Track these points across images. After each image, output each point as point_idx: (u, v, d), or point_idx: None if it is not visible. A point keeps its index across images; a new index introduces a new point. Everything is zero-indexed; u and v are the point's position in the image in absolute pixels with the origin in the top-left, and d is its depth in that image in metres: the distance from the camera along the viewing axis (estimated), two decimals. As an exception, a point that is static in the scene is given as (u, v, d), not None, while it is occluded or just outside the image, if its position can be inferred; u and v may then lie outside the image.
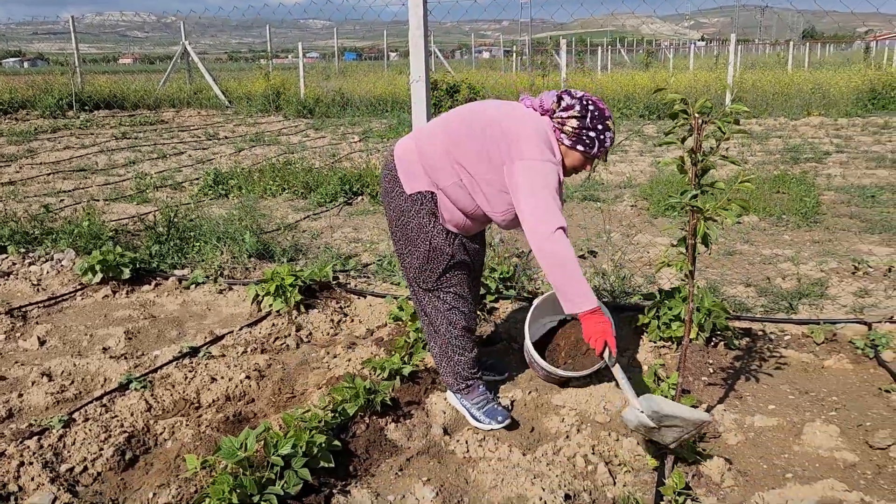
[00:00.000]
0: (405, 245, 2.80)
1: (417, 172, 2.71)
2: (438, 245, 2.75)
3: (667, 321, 3.52)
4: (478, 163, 2.60)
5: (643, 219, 6.37)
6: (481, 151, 2.59)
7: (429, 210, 2.71)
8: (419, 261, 2.79)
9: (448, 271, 2.81)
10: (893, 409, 2.94)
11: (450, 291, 2.85)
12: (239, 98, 18.44)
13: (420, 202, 2.71)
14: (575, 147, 2.61)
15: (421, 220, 2.72)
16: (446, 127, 2.70)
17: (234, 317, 4.14)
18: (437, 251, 2.76)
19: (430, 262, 2.78)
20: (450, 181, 2.67)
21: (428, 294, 2.87)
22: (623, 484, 2.51)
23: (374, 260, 5.12)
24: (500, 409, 2.88)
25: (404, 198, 2.73)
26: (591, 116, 2.59)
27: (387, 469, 2.62)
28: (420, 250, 2.76)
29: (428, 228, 2.73)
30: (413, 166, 2.72)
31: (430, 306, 2.88)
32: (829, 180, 7.74)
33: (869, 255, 5.01)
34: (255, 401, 3.18)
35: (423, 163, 2.70)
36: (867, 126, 12.39)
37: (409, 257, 2.81)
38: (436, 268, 2.79)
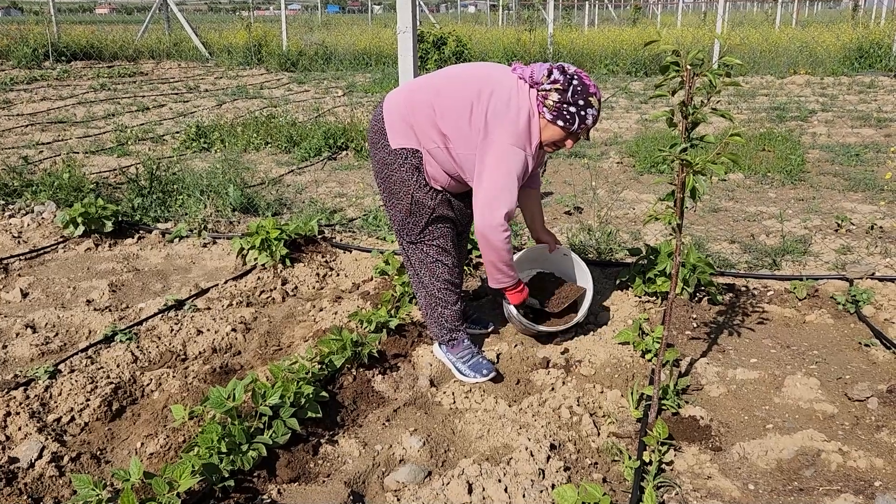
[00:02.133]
0: (389, 197, 2.82)
1: (404, 130, 2.71)
2: (420, 199, 2.76)
3: (652, 276, 3.54)
4: (459, 138, 2.64)
5: (629, 175, 6.36)
6: (463, 127, 2.62)
7: (412, 165, 2.71)
8: (401, 213, 2.81)
9: (430, 224, 2.82)
10: (872, 362, 2.99)
11: (433, 245, 2.86)
12: (220, 50, 18.04)
13: (404, 157, 2.71)
14: (555, 122, 2.61)
15: (403, 175, 2.73)
16: (436, 97, 2.67)
17: (219, 270, 4.12)
18: (419, 205, 2.77)
19: (412, 215, 2.79)
20: (433, 145, 2.69)
21: (412, 246, 2.88)
22: (607, 434, 2.55)
23: (359, 215, 5.09)
24: (485, 362, 2.90)
25: (388, 151, 2.73)
26: (573, 91, 2.57)
27: (374, 419, 2.64)
28: (402, 203, 2.78)
29: (409, 183, 2.73)
30: (399, 123, 2.71)
31: (415, 258, 2.90)
32: (815, 139, 7.76)
33: (852, 212, 5.05)
34: (241, 353, 3.18)
35: (410, 123, 2.70)
36: (853, 85, 12.38)
37: (393, 209, 2.84)
38: (418, 221, 2.80)
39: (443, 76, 2.74)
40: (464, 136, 2.63)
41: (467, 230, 3.20)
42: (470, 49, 14.80)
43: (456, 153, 2.66)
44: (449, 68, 2.81)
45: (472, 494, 2.16)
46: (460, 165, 2.69)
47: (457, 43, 14.06)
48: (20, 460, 2.34)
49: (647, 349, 3.03)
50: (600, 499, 2.06)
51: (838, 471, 2.31)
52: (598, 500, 2.06)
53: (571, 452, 2.42)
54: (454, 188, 2.82)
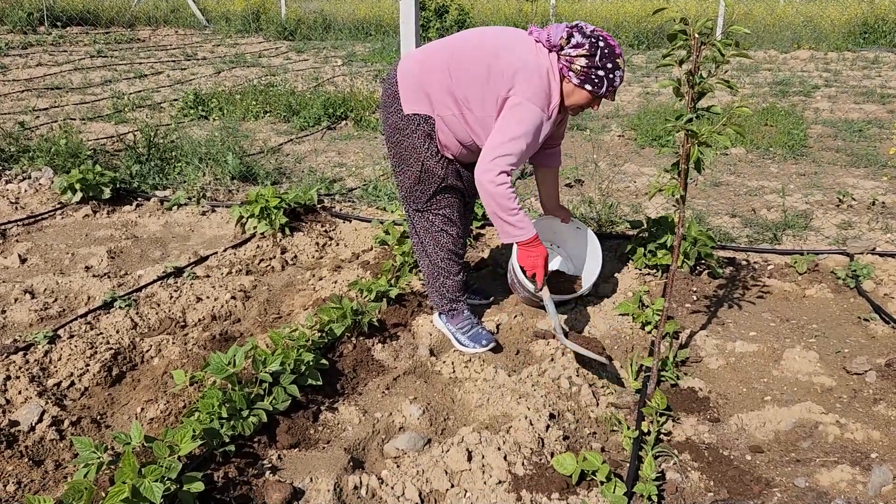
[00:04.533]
0: (398, 163, 2.79)
1: (417, 95, 2.67)
2: (430, 167, 2.73)
3: (653, 249, 3.53)
4: (476, 102, 2.60)
5: (630, 149, 6.32)
6: (480, 91, 2.58)
7: (424, 132, 2.68)
8: (410, 180, 2.78)
9: (438, 193, 2.79)
10: (871, 336, 3.00)
11: (439, 214, 2.84)
12: (218, 17, 17.80)
13: (416, 123, 2.67)
14: (583, 86, 2.57)
15: (414, 141, 2.69)
16: (451, 60, 2.63)
17: (218, 238, 4.10)
18: (428, 173, 2.74)
19: (421, 182, 2.76)
20: (448, 112, 2.65)
21: (418, 214, 2.86)
22: (606, 405, 2.56)
23: (359, 184, 5.06)
24: (485, 332, 2.90)
25: (400, 116, 2.69)
26: (601, 55, 2.54)
27: (374, 388, 2.64)
28: (412, 169, 2.74)
29: (420, 150, 2.70)
30: (414, 88, 2.67)
31: (420, 226, 2.88)
32: (817, 114, 7.70)
33: (854, 188, 5.03)
34: (241, 320, 3.17)
35: (425, 89, 2.66)
36: (857, 60, 12.27)
37: (401, 175, 2.81)
38: (426, 189, 2.77)
39: (458, 39, 2.70)
40: (480, 98, 2.58)
41: (473, 201, 3.18)
42: (472, 18, 14.62)
43: (471, 118, 2.62)
44: (464, 32, 2.75)
45: (471, 462, 2.17)
46: (476, 130, 2.64)
47: (459, 11, 13.88)
48: (20, 423, 2.35)
49: (647, 321, 3.04)
50: (599, 467, 2.07)
51: (835, 443, 2.32)
52: (597, 469, 2.07)
53: (570, 422, 2.43)
54: (465, 157, 2.79)
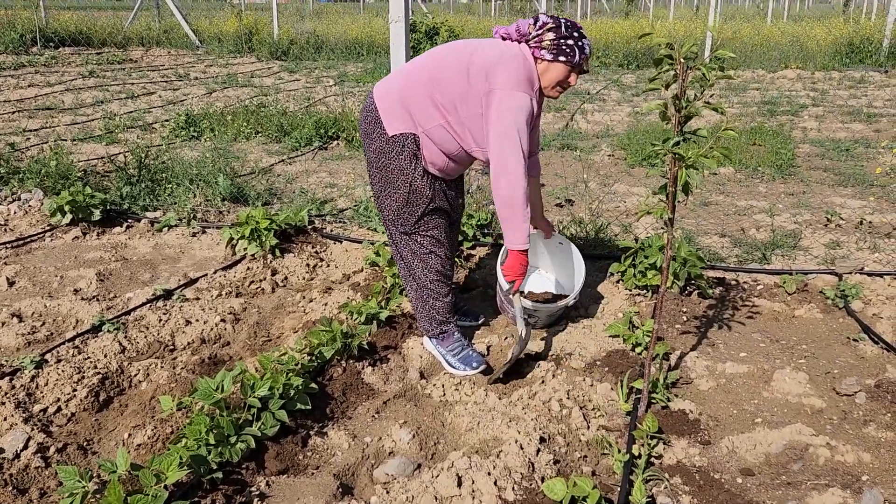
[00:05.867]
0: (384, 187, 2.78)
1: (400, 114, 2.68)
2: (417, 187, 2.73)
3: (643, 269, 3.54)
4: (462, 103, 2.61)
5: (620, 168, 6.36)
6: (464, 91, 2.60)
7: (410, 152, 2.69)
8: (398, 203, 2.77)
9: (426, 215, 2.80)
10: (860, 357, 3.01)
11: (427, 235, 2.84)
12: (210, 38, 17.88)
13: (402, 144, 2.68)
14: (557, 59, 2.64)
15: (401, 163, 2.70)
16: (426, 70, 2.68)
17: (208, 260, 4.09)
18: (417, 193, 2.74)
19: (409, 204, 2.76)
20: (433, 123, 2.65)
21: (405, 237, 2.85)
22: (597, 428, 2.55)
23: (350, 205, 5.06)
24: (475, 354, 2.89)
25: (385, 139, 2.70)
26: (566, 27, 2.66)
27: (364, 412, 2.63)
28: (399, 192, 2.74)
29: (408, 171, 2.71)
30: (395, 108, 2.69)
31: (407, 250, 2.87)
32: (805, 133, 7.78)
33: (841, 207, 5.07)
34: (230, 344, 3.16)
35: (406, 105, 2.67)
36: (843, 80, 12.42)
37: (388, 199, 2.79)
38: (414, 210, 2.78)
39: (430, 53, 2.76)
40: (463, 98, 2.61)
41: (459, 221, 3.19)
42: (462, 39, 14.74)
43: (456, 120, 2.64)
44: (436, 47, 2.81)
45: (461, 487, 2.16)
46: (462, 134, 2.66)
47: (449, 33, 14.00)
48: (5, 451, 2.32)
49: (637, 342, 3.04)
50: (590, 492, 2.06)
51: (826, 465, 2.32)
52: (588, 494, 2.06)
53: (561, 445, 2.42)
54: (452, 171, 2.81)
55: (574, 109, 9.37)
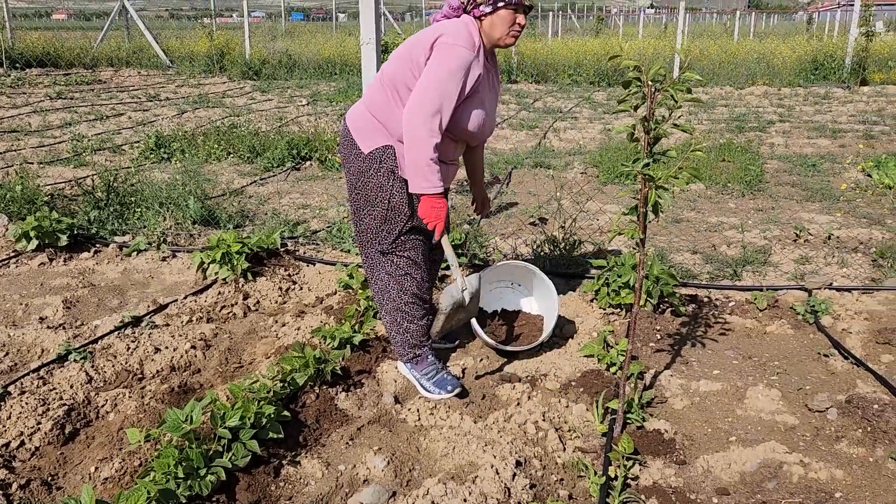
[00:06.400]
0: (364, 205, 2.79)
1: (372, 129, 2.72)
2: (396, 204, 2.75)
3: (616, 288, 3.55)
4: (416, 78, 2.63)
5: (593, 186, 6.41)
6: (416, 64, 2.62)
7: (388, 168, 2.71)
8: (377, 220, 2.78)
9: (404, 234, 2.80)
10: (831, 372, 3.04)
11: (404, 256, 2.84)
12: (181, 58, 17.81)
13: (379, 160, 2.71)
14: (496, 6, 2.64)
15: (380, 180, 2.72)
16: (383, 73, 2.74)
17: (179, 285, 4.02)
18: (395, 210, 2.76)
19: (387, 221, 2.77)
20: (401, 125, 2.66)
21: (382, 258, 2.85)
22: (573, 449, 2.54)
23: (323, 227, 5.03)
24: (450, 378, 2.87)
25: (362, 158, 2.73)
26: None
27: (337, 439, 2.59)
28: (378, 209, 2.76)
29: (387, 187, 2.73)
30: (367, 125, 2.74)
31: (384, 271, 2.86)
32: (773, 149, 7.92)
33: (810, 222, 5.15)
34: (201, 371, 3.10)
35: (376, 116, 2.72)
36: (809, 96, 12.69)
37: (367, 217, 2.81)
38: (393, 228, 2.78)
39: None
40: (417, 71, 2.61)
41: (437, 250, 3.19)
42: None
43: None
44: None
45: (437, 515, 2.13)
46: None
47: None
48: (-34, 489, 2.24)
49: (612, 362, 3.04)
50: (566, 517, 2.04)
51: (800, 483, 2.33)
52: (564, 519, 2.04)
53: (537, 469, 2.40)
54: None
55: (546, 127, 9.44)
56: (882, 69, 14.61)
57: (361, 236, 2.89)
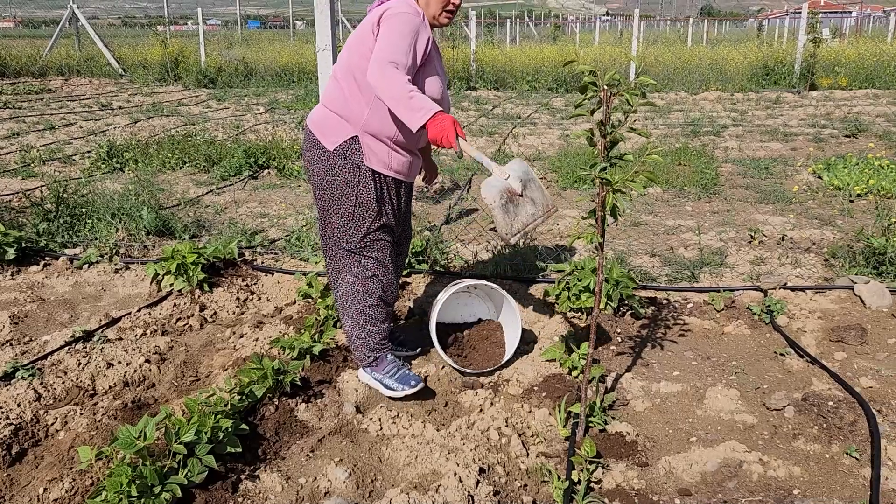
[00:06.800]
0: (331, 204, 2.78)
1: (333, 124, 2.73)
2: (364, 200, 2.75)
3: (577, 292, 3.57)
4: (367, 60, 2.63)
5: (552, 191, 6.45)
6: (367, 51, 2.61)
7: (353, 164, 2.71)
8: (344, 218, 2.77)
9: (373, 232, 2.80)
10: (788, 371, 3.09)
11: (371, 257, 2.83)
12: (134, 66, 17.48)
13: (344, 156, 2.71)
14: None
15: (346, 176, 2.73)
16: (337, 68, 2.74)
17: (132, 297, 3.92)
18: (363, 206, 2.76)
19: (356, 218, 2.77)
20: (365, 108, 2.67)
21: (350, 257, 2.83)
22: (536, 455, 2.53)
23: (281, 235, 4.96)
24: (412, 374, 2.88)
25: (327, 156, 2.73)
26: None
27: (298, 451, 2.54)
28: (345, 206, 2.76)
29: (353, 182, 2.73)
30: (328, 122, 2.74)
31: (350, 273, 2.85)
32: (727, 153, 8.07)
33: (764, 224, 5.25)
34: (156, 385, 3.02)
35: (335, 111, 2.72)
36: (761, 101, 12.99)
37: (334, 216, 2.79)
38: (361, 225, 2.78)
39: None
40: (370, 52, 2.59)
41: (406, 250, 3.17)
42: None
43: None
44: None
45: (400, 526, 2.09)
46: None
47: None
48: None
49: (573, 366, 3.04)
50: (530, 524, 2.03)
51: (759, 481, 2.35)
52: (529, 526, 2.02)
53: (501, 475, 2.39)
54: (401, 164, 2.79)
55: (506, 133, 9.49)
56: (829, 74, 15.04)
57: (328, 238, 2.87)
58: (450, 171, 7.07)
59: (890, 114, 10.83)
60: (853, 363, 3.13)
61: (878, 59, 15.71)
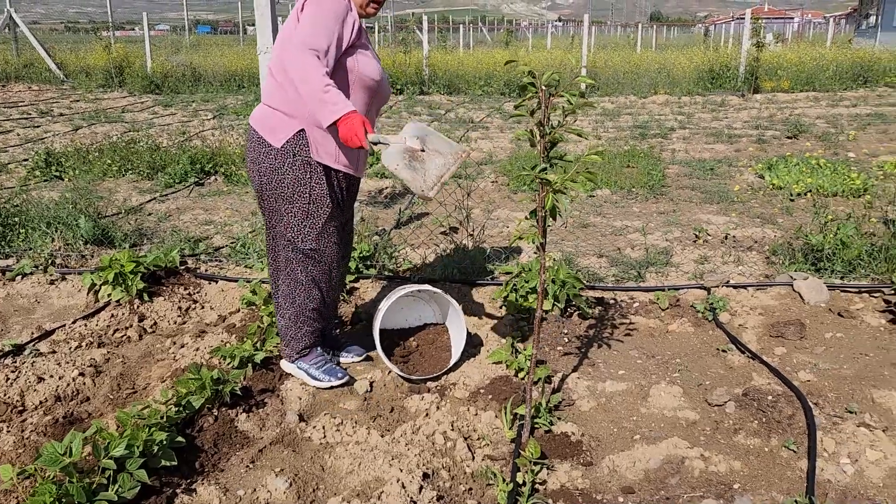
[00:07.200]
0: (282, 205, 2.73)
1: (277, 121, 2.67)
2: (318, 196, 2.72)
3: (524, 294, 3.57)
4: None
5: (503, 194, 6.46)
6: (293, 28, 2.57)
7: (302, 160, 2.67)
8: (298, 217, 2.73)
9: (327, 230, 2.78)
10: (729, 367, 3.13)
11: (320, 260, 2.82)
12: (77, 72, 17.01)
13: (293, 152, 2.66)
14: None
15: (297, 173, 2.68)
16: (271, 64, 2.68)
17: (68, 309, 3.78)
18: (318, 202, 2.73)
19: (311, 216, 2.74)
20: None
21: (298, 259, 2.79)
22: (482, 458, 2.51)
23: (227, 242, 4.86)
24: (339, 368, 2.93)
25: (275, 154, 2.68)
26: None
27: (237, 462, 2.47)
28: (298, 205, 2.71)
29: (305, 179, 2.69)
30: (271, 119, 2.69)
31: (293, 275, 2.82)
32: (674, 154, 8.21)
33: (708, 223, 5.35)
34: (90, 400, 2.91)
35: (277, 108, 2.67)
36: (707, 104, 13.27)
37: (287, 216, 2.74)
38: (317, 222, 2.75)
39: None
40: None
41: (349, 248, 3.12)
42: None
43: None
44: None
45: (340, 536, 2.05)
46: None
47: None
48: None
49: (520, 367, 3.03)
50: (472, 528, 2.00)
51: (701, 476, 2.37)
52: (471, 530, 2.00)
53: (445, 480, 2.36)
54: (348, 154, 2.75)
55: (458, 137, 9.49)
56: (772, 78, 15.45)
57: (278, 238, 2.82)
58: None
59: (829, 115, 11.18)
60: (792, 358, 3.19)
61: (817, 62, 16.21)
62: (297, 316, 2.86)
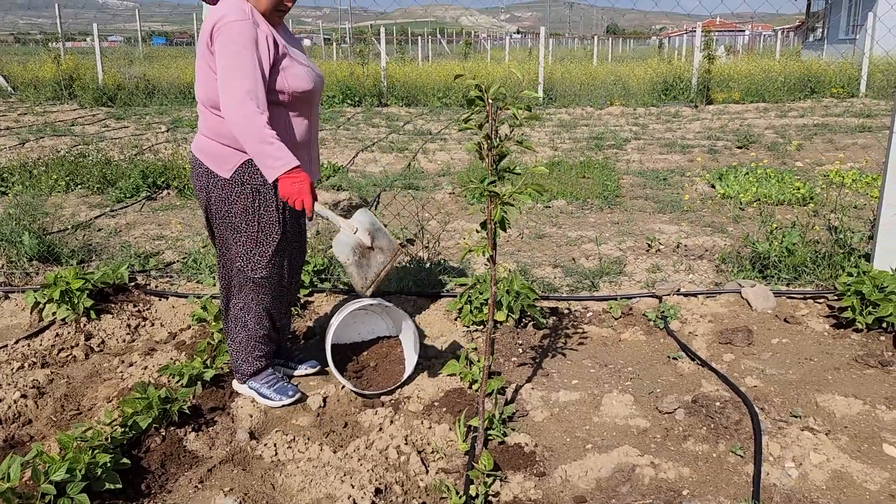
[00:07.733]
0: (232, 234, 2.69)
1: (220, 152, 2.62)
2: (266, 223, 2.68)
3: (478, 305, 3.58)
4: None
5: (460, 206, 6.49)
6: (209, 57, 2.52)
7: (251, 188, 2.62)
8: (247, 246, 2.69)
9: (276, 256, 2.74)
10: (680, 374, 3.18)
11: (269, 288, 2.79)
12: (25, 84, 16.61)
13: (241, 182, 2.62)
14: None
15: (245, 203, 2.64)
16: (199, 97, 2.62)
17: (10, 329, 3.67)
18: (266, 230, 2.69)
19: (260, 244, 2.70)
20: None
21: (248, 287, 2.76)
22: (436, 471, 2.50)
23: (178, 258, 4.78)
24: (291, 385, 2.91)
25: (223, 184, 2.63)
26: None
27: (185, 483, 2.42)
28: (248, 233, 2.68)
29: (253, 208, 2.65)
30: (214, 150, 2.63)
31: (244, 302, 2.79)
32: (629, 165, 8.34)
33: (660, 233, 5.44)
34: (32, 422, 2.82)
35: (218, 140, 2.61)
36: (661, 115, 13.53)
37: (236, 245, 2.70)
38: (266, 250, 2.71)
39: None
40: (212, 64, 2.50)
41: (300, 267, 3.09)
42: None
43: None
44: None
45: (290, 555, 2.02)
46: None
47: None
48: None
49: (474, 379, 3.03)
50: (423, 543, 1.99)
51: (651, 484, 2.40)
52: (421, 545, 1.99)
53: (398, 495, 2.34)
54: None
55: (416, 149, 9.51)
56: (724, 89, 15.84)
57: (228, 267, 2.79)
58: (358, 188, 7.02)
59: (777, 126, 11.49)
60: (740, 364, 3.26)
61: (767, 74, 16.66)
62: (248, 340, 2.84)
